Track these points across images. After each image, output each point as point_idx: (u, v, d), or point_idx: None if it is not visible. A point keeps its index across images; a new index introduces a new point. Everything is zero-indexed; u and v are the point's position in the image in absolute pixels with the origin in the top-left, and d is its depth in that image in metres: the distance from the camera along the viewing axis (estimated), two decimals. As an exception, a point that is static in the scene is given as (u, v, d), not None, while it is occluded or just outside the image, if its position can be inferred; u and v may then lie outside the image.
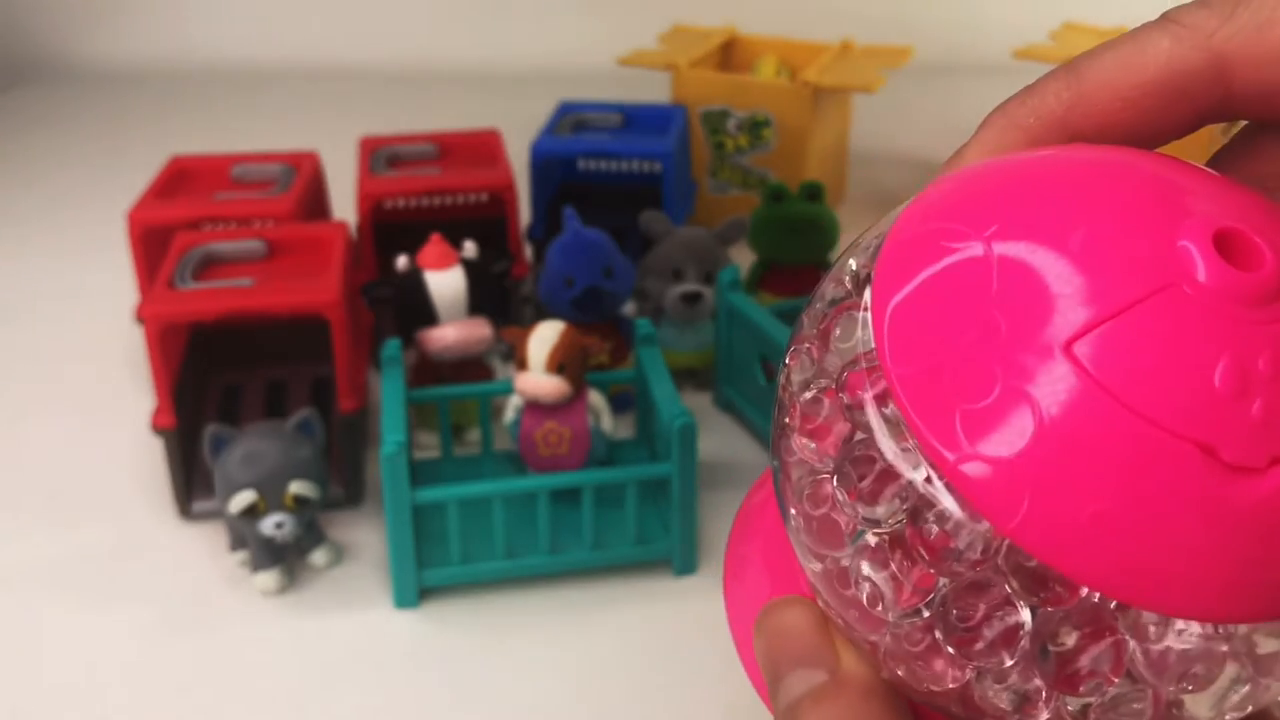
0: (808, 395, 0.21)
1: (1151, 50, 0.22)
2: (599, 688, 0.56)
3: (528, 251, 0.92)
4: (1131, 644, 0.19)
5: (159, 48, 1.65)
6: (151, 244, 0.76)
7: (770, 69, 1.13)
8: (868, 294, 0.21)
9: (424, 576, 0.61)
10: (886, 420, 0.20)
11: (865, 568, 0.20)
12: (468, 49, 1.65)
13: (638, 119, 0.97)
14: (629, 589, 0.62)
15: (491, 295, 0.74)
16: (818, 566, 0.22)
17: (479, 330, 0.72)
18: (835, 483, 0.20)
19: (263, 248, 0.71)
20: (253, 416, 0.74)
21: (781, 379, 0.23)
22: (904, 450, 0.19)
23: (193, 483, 0.68)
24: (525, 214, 0.93)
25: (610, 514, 0.63)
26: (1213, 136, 1.03)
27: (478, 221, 0.85)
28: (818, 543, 0.21)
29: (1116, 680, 0.19)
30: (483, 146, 0.91)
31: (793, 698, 0.23)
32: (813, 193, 0.84)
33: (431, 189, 0.83)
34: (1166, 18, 0.22)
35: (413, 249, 0.73)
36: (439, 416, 0.69)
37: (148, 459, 0.73)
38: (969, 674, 0.20)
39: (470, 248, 0.74)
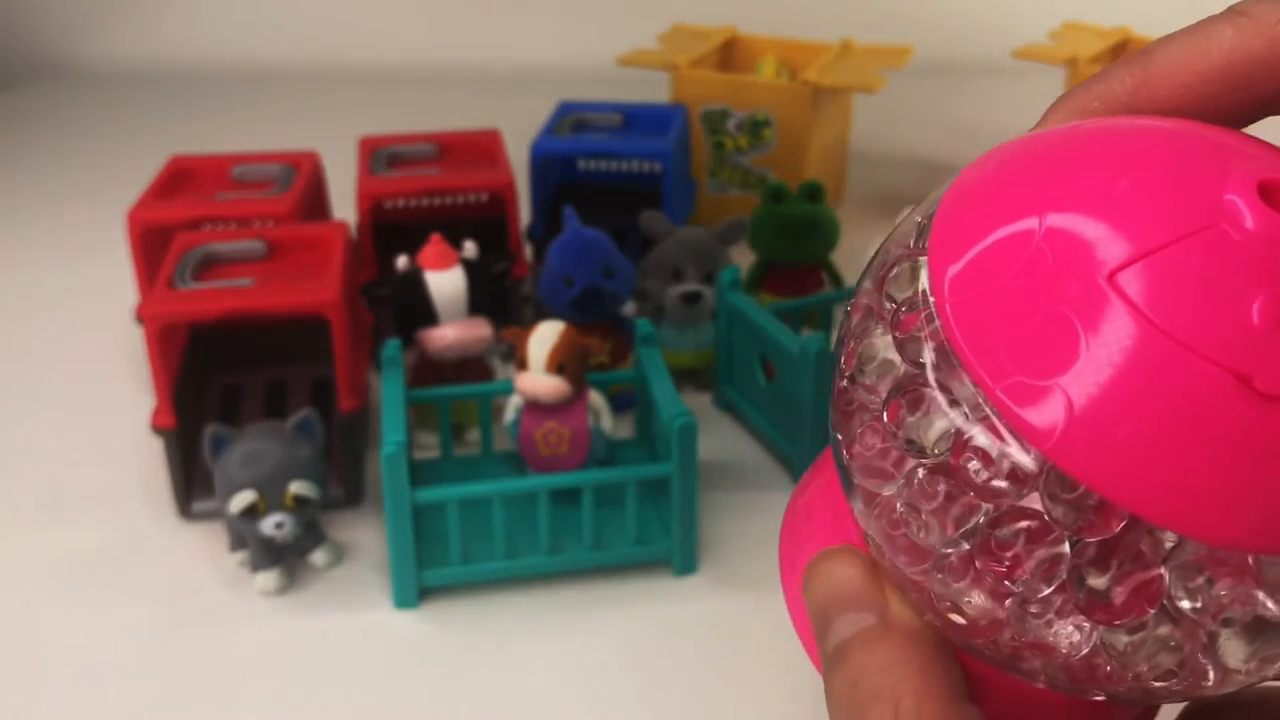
0: (863, 341, 0.22)
1: (1216, 39, 0.23)
2: (599, 688, 0.56)
3: (528, 251, 0.92)
4: (1167, 578, 0.20)
5: (159, 48, 1.65)
6: (151, 244, 0.76)
7: (770, 69, 1.13)
8: (924, 239, 0.22)
9: (424, 576, 0.61)
10: (936, 351, 0.20)
11: (913, 499, 0.21)
12: (468, 49, 1.65)
13: (638, 119, 0.97)
14: (629, 589, 0.62)
15: (491, 295, 0.74)
16: (869, 509, 0.22)
17: (479, 330, 0.72)
18: (885, 416, 0.21)
19: (263, 248, 0.71)
20: (253, 416, 0.74)
21: (840, 331, 0.24)
22: (952, 379, 0.20)
23: (193, 483, 0.68)
24: (525, 214, 0.93)
25: (610, 514, 0.63)
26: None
27: (478, 221, 0.85)
28: (869, 482, 0.22)
29: (1151, 611, 0.20)
30: (483, 146, 0.91)
31: (841, 639, 0.24)
32: (813, 193, 0.84)
33: (431, 189, 0.83)
34: (1233, 10, 0.23)
35: (413, 249, 0.73)
36: (439, 416, 0.69)
37: (148, 459, 0.73)
38: (1009, 607, 0.21)
39: (470, 248, 0.74)
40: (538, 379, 0.62)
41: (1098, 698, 0.22)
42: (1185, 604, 0.20)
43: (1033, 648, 0.21)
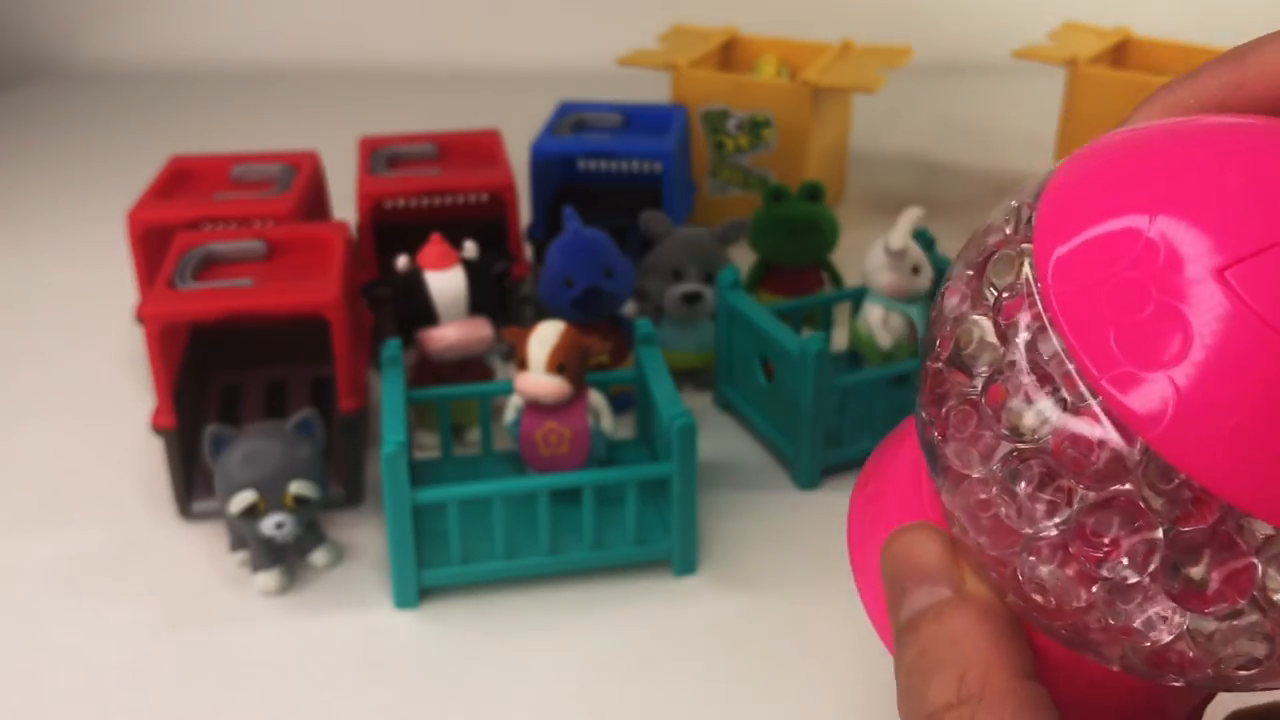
0: (961, 325, 0.23)
1: None
2: (599, 688, 0.56)
3: (528, 251, 0.92)
4: (1260, 569, 0.20)
5: (159, 48, 1.65)
6: (151, 244, 0.76)
7: (770, 69, 1.13)
8: (1028, 228, 0.22)
9: (424, 576, 0.61)
10: (1040, 338, 0.21)
11: (1006, 482, 0.21)
12: (468, 49, 1.65)
13: (638, 119, 0.97)
14: (629, 589, 0.62)
15: (491, 295, 0.74)
16: (956, 489, 0.23)
17: (480, 330, 0.72)
18: (984, 400, 0.22)
19: (263, 248, 0.71)
20: (253, 416, 0.74)
21: (932, 314, 0.24)
22: (1055, 366, 0.20)
23: (193, 483, 0.68)
24: (525, 214, 0.93)
25: (610, 514, 0.63)
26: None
27: (478, 221, 0.85)
28: (960, 464, 0.22)
29: (1243, 601, 0.20)
30: (483, 146, 0.91)
31: (914, 611, 0.24)
32: (813, 193, 0.84)
33: (431, 189, 0.83)
34: None
35: (413, 249, 0.73)
36: (439, 416, 0.69)
37: (148, 459, 0.73)
38: (1097, 592, 0.21)
39: (470, 248, 0.74)
40: (538, 379, 0.62)
41: (1174, 683, 0.22)
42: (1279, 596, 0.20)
43: (1116, 632, 0.21)
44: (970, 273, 0.23)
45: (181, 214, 0.77)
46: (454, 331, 0.72)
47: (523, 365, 0.63)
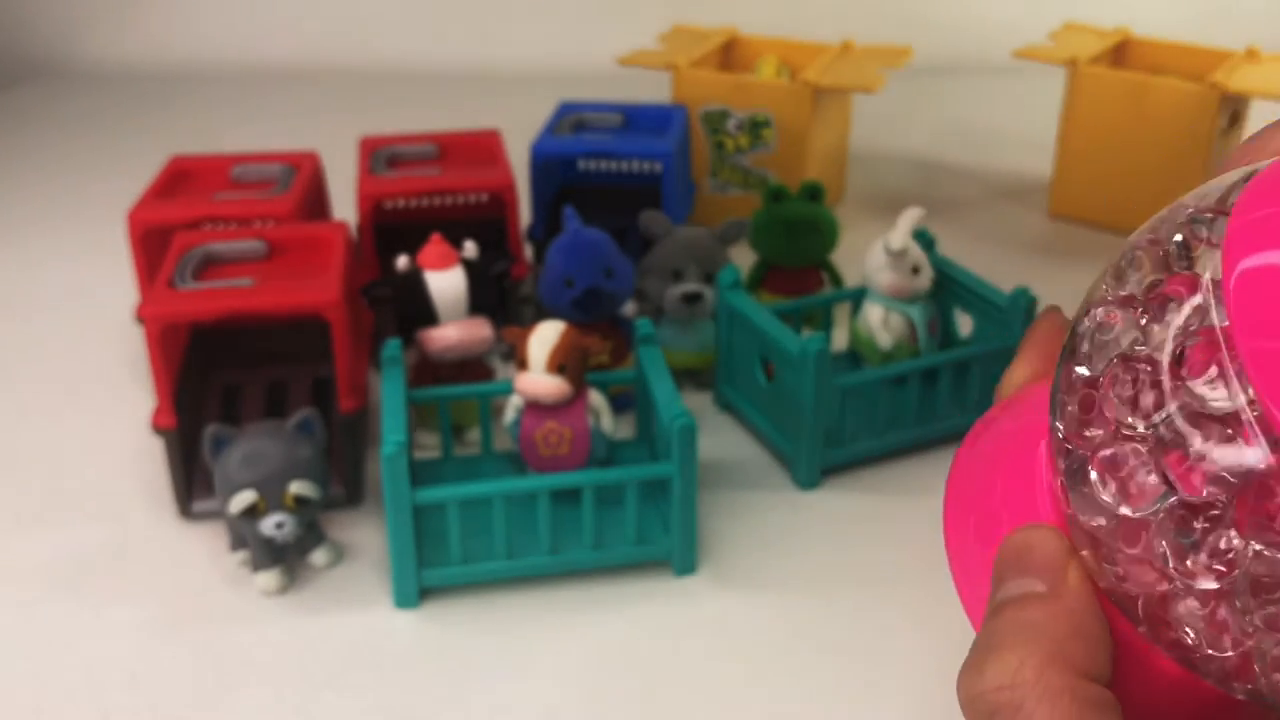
0: (1129, 366, 0.21)
1: None
2: (599, 688, 0.56)
3: (528, 251, 0.92)
4: None
5: (159, 48, 1.65)
6: (151, 244, 0.76)
7: (770, 69, 1.13)
8: (1210, 268, 0.20)
9: (424, 576, 0.61)
10: (1226, 392, 0.20)
11: (1169, 532, 0.20)
12: (468, 49, 1.65)
13: (638, 119, 0.97)
14: (629, 589, 0.62)
15: (491, 295, 0.74)
16: (1103, 521, 0.22)
17: (480, 330, 0.72)
18: (1150, 449, 0.21)
19: (263, 248, 0.71)
20: (253, 416, 0.74)
21: (1080, 330, 0.23)
22: (1235, 423, 0.19)
23: (193, 483, 0.68)
24: (525, 214, 0.93)
25: (610, 514, 0.63)
26: (1212, 136, 1.03)
27: (478, 221, 0.85)
28: (1114, 501, 0.21)
29: None
30: (483, 146, 0.91)
31: (1005, 597, 0.24)
32: (813, 193, 0.84)
33: (431, 189, 0.83)
34: None
35: (413, 249, 0.73)
36: (439, 416, 0.69)
37: (148, 459, 0.73)
38: (1250, 645, 0.20)
39: (470, 248, 0.74)
40: (538, 379, 0.62)
41: None
42: None
43: (1259, 674, 0.21)
44: (1127, 294, 0.22)
45: (181, 214, 0.77)
46: (454, 331, 0.72)
47: (523, 365, 0.63)
